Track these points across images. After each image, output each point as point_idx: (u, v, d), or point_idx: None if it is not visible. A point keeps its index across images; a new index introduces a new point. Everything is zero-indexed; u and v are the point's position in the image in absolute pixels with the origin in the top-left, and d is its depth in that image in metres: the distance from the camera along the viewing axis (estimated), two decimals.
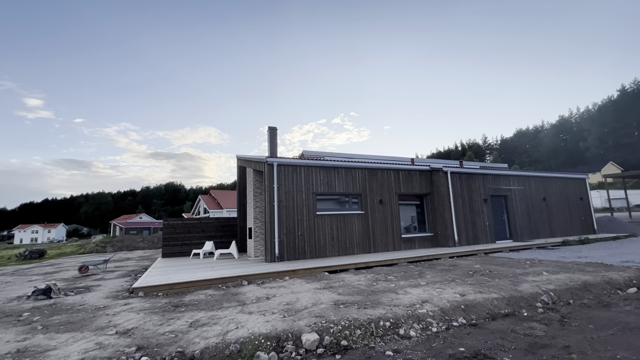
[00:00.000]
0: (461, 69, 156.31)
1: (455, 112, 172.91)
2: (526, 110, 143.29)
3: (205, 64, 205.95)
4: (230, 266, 10.01)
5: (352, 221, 12.01)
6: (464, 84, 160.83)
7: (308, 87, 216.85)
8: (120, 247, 32.49)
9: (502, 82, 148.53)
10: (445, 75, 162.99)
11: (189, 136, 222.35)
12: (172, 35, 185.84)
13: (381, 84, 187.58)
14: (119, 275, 10.48)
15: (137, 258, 17.93)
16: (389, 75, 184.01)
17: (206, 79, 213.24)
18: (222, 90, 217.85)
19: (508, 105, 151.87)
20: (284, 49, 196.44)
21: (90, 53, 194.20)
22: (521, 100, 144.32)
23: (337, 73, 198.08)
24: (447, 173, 13.56)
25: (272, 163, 10.93)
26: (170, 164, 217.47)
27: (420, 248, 13.10)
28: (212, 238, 15.51)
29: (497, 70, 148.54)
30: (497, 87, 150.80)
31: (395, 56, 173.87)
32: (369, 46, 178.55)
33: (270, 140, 14.58)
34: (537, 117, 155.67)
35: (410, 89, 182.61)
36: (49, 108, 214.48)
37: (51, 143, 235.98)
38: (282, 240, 10.69)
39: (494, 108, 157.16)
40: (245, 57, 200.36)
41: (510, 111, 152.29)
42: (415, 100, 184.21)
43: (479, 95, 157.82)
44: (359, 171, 12.54)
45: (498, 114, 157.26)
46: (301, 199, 11.28)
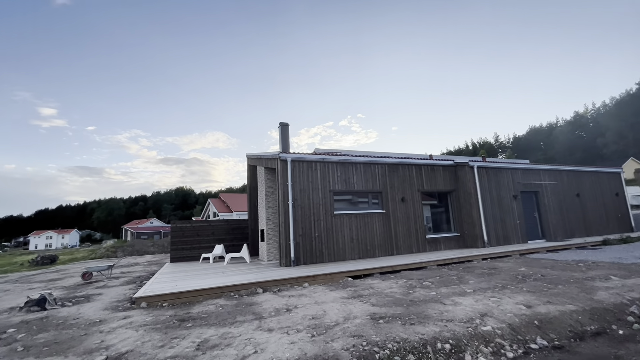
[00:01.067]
0: (470, 66, 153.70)
1: (465, 111, 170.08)
2: (539, 107, 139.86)
3: (212, 69, 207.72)
4: (242, 271, 9.17)
5: (373, 221, 11.06)
6: (473, 81, 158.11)
7: (314, 89, 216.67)
8: (130, 251, 32.16)
9: (512, 78, 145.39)
10: (453, 72, 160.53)
11: (197, 141, 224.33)
12: (179, 41, 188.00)
13: (388, 84, 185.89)
14: (123, 282, 9.75)
15: (145, 263, 17.29)
16: (395, 75, 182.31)
17: (213, 83, 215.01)
18: (229, 95, 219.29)
19: (520, 102, 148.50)
20: (289, 51, 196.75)
21: (101, 61, 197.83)
22: (534, 96, 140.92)
23: (343, 74, 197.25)
24: (474, 168, 12.52)
25: (285, 159, 10.09)
26: (179, 169, 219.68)
27: (446, 249, 12.06)
28: (222, 241, 14.75)
29: (506, 67, 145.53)
30: (507, 83, 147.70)
31: (401, 55, 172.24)
32: (374, 45, 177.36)
33: (282, 136, 13.75)
34: (551, 113, 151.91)
35: (418, 88, 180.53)
36: (62, 117, 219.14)
37: (65, 151, 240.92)
38: (297, 243, 9.82)
39: (505, 105, 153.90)
40: (251, 61, 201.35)
41: (522, 108, 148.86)
42: (423, 99, 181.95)
43: (489, 92, 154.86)
44: (378, 167, 11.60)
45: (510, 112, 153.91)
46: (317, 197, 10.40)
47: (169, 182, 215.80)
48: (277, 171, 10.15)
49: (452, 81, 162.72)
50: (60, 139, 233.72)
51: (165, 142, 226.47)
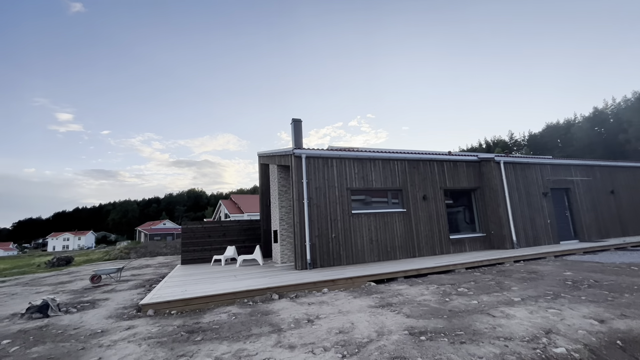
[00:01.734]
0: (482, 63, 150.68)
1: (478, 109, 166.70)
2: (556, 103, 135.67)
3: (222, 72, 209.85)
4: (255, 275, 8.62)
5: (393, 221, 10.37)
6: (486, 78, 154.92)
7: (324, 91, 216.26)
8: (143, 253, 32.21)
9: (527, 74, 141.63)
10: (465, 70, 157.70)
11: (208, 144, 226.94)
12: (188, 44, 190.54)
13: (398, 83, 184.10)
14: (132, 285, 9.33)
15: (156, 265, 16.99)
16: (405, 74, 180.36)
17: (222, 86, 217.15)
18: (239, 98, 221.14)
19: (535, 99, 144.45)
20: (298, 52, 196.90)
21: (114, 66, 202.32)
22: (549, 92, 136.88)
23: (352, 75, 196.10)
24: (500, 163, 11.68)
25: (299, 155, 9.52)
26: (191, 171, 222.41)
27: (471, 251, 11.26)
28: (234, 242, 14.28)
29: (520, 62, 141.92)
30: (521, 80, 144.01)
31: (412, 54, 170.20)
32: (384, 45, 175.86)
33: (295, 133, 13.20)
34: (569, 109, 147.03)
35: (429, 87, 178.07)
36: (78, 121, 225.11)
37: (81, 154, 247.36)
38: (313, 244, 9.22)
39: (519, 102, 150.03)
40: (260, 63, 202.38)
41: (538, 105, 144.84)
42: (434, 98, 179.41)
43: (502, 89, 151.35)
44: (397, 163, 10.90)
45: (524, 109, 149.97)
46: (334, 195, 9.78)
47: (181, 184, 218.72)
48: (291, 168, 9.58)
49: (464, 79, 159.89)
50: (76, 143, 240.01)
51: (177, 144, 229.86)
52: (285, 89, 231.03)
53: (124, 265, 10.63)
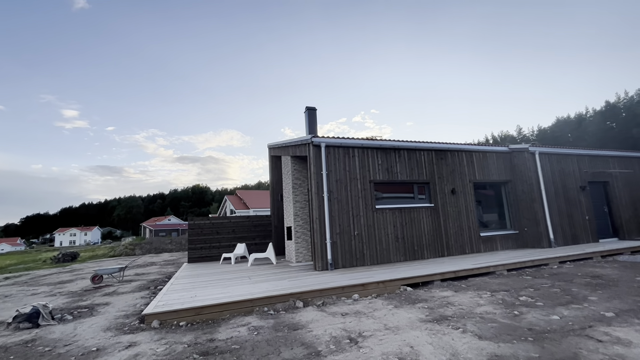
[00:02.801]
0: (489, 57, 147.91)
1: (484, 104, 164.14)
2: (566, 97, 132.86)
3: (225, 68, 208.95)
4: (271, 276, 7.76)
5: (420, 216, 9.44)
6: (493, 72, 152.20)
7: (327, 87, 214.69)
8: (148, 249, 31.61)
9: (536, 67, 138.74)
10: (471, 64, 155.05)
11: (212, 140, 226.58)
12: (192, 41, 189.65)
13: (402, 78, 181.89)
14: (136, 287, 8.53)
15: (162, 262, 16.24)
16: (409, 70, 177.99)
17: (226, 82, 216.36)
18: (242, 94, 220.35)
19: (544, 93, 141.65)
20: (302, 50, 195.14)
21: (118, 63, 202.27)
22: (560, 86, 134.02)
23: (356, 70, 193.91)
24: (535, 154, 10.67)
25: (319, 144, 8.60)
26: (195, 167, 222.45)
27: (503, 249, 10.31)
28: (244, 239, 13.45)
29: (530, 56, 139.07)
30: (530, 73, 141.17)
31: (417, 48, 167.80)
32: (386, 40, 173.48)
33: (309, 123, 12.26)
34: (580, 103, 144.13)
35: (434, 82, 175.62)
36: (83, 118, 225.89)
37: (87, 151, 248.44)
38: (334, 242, 8.33)
39: (527, 96, 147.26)
40: (264, 60, 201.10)
41: (547, 98, 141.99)
42: (439, 93, 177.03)
43: (509, 83, 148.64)
44: (424, 154, 9.94)
45: (533, 103, 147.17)
46: (356, 189, 8.87)
47: (185, 180, 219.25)
48: (309, 159, 8.66)
49: (469, 74, 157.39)
50: (82, 139, 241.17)
51: (181, 141, 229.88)
52: (289, 86, 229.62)
53: (128, 264, 9.85)
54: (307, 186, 10.93)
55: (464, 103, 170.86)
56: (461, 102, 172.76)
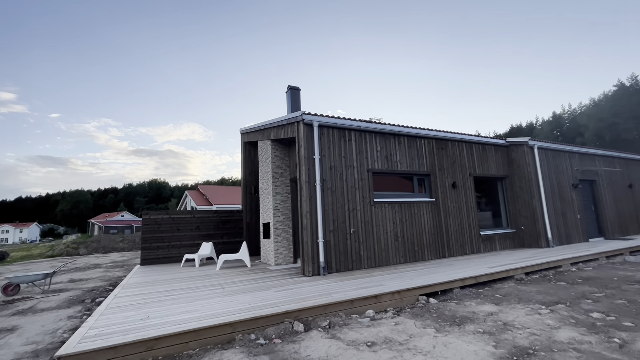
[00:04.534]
0: (449, 63, 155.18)
1: (439, 109, 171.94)
2: (520, 106, 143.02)
3: (188, 59, 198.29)
4: (250, 284, 6.15)
5: (421, 212, 8.33)
6: (452, 79, 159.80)
7: (296, 83, 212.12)
8: (95, 248, 27.93)
9: (492, 76, 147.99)
10: (436, 67, 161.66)
11: (172, 133, 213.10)
12: (156, 30, 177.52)
13: (375, 79, 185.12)
14: (64, 300, 6.45)
15: (108, 264, 13.74)
16: (401, 66, 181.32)
17: (189, 74, 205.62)
18: (206, 86, 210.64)
19: (500, 101, 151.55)
20: (272, 45, 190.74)
21: (69, 46, 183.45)
22: (515, 95, 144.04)
23: (326, 68, 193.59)
24: (534, 148, 10.06)
25: (310, 122, 7.11)
26: (153, 162, 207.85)
27: (502, 249, 9.56)
28: (210, 238, 11.56)
29: (488, 65, 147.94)
30: (487, 82, 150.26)
31: (414, 50, 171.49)
32: (361, 36, 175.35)
33: (292, 106, 10.72)
34: (532, 113, 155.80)
35: (424, 77, 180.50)
36: (22, 102, 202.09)
37: (25, 139, 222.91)
38: (327, 242, 6.91)
39: (484, 104, 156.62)
40: (231, 56, 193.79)
41: (504, 107, 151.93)
42: (422, 93, 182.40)
43: (466, 91, 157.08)
44: (425, 142, 8.86)
45: (490, 110, 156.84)
46: (352, 178, 7.52)
47: (141, 174, 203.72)
48: (299, 140, 7.15)
49: (434, 77, 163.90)
50: (19, 126, 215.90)
51: (138, 132, 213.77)
52: (256, 82, 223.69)
53: (57, 269, 7.64)
54: (290, 175, 9.40)
55: (454, 100, 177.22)
56: (451, 99, 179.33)
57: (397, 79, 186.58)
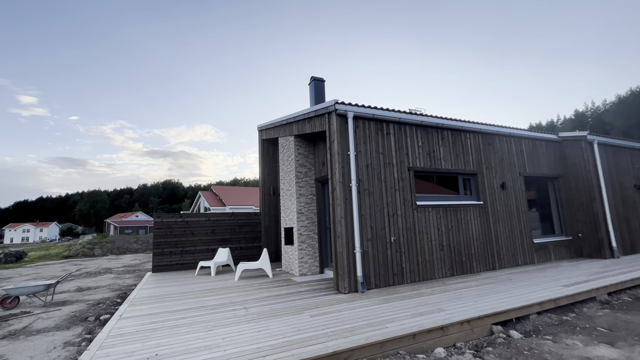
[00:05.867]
0: (458, 62, 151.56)
1: (456, 105, 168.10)
2: (539, 105, 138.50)
3: (200, 61, 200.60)
4: (278, 303, 5.20)
5: (468, 217, 7.23)
6: (470, 75, 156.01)
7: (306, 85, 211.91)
8: (110, 248, 27.75)
9: (512, 74, 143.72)
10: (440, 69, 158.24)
11: (185, 134, 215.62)
12: (168, 33, 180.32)
13: (379, 75, 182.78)
14: (67, 316, 5.66)
15: (120, 269, 13.08)
16: (381, 65, 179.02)
17: (201, 76, 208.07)
18: (218, 88, 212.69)
19: (519, 99, 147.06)
20: (283, 47, 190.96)
21: (85, 50, 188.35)
22: (533, 93, 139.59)
23: (336, 68, 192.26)
24: (594, 144, 8.80)
25: (344, 113, 6.12)
26: (166, 162, 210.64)
27: (557, 260, 8.35)
28: (226, 243, 10.72)
29: (504, 63, 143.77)
30: (506, 79, 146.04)
31: (387, 47, 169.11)
32: (365, 37, 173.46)
33: (316, 99, 9.76)
34: (552, 111, 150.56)
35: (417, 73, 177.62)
36: (43, 105, 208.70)
37: (46, 141, 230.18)
38: (365, 252, 5.90)
39: (503, 101, 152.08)
40: (242, 55, 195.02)
41: (522, 105, 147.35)
42: (419, 95, 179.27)
43: (482, 87, 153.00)
44: (470, 136, 7.75)
45: (506, 109, 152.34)
46: (392, 178, 6.49)
47: (155, 175, 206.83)
48: (331, 134, 6.17)
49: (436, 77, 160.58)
50: (41, 128, 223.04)
51: (152, 134, 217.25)
52: (268, 83, 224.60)
53: (60, 280, 6.89)
54: (315, 175, 8.44)
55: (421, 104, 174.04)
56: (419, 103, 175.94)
57: (406, 74, 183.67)
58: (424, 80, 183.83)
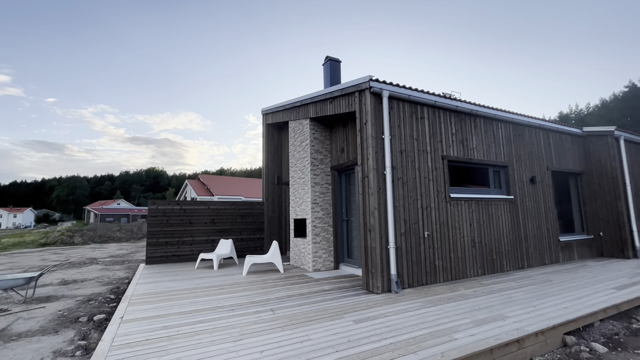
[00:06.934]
0: (451, 59, 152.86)
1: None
2: (523, 104, 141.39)
3: (187, 47, 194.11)
4: (305, 304, 4.53)
5: (499, 212, 6.73)
6: (457, 75, 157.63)
7: (297, 75, 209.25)
8: (91, 237, 26.28)
9: (499, 72, 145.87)
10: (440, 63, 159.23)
11: (169, 121, 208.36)
12: (154, 16, 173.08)
13: (375, 64, 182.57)
14: (52, 316, 4.82)
15: (106, 260, 12.09)
16: (374, 60, 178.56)
17: (189, 62, 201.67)
18: (205, 76, 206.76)
19: (504, 99, 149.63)
20: (272, 34, 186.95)
21: (64, 29, 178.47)
22: (518, 94, 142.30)
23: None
24: (620, 140, 8.45)
25: (379, 92, 5.43)
26: (150, 150, 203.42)
27: (581, 259, 8.03)
28: (227, 233, 9.93)
29: (493, 62, 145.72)
30: (492, 77, 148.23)
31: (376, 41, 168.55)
32: (354, 27, 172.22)
33: (332, 79, 9.01)
34: (538, 112, 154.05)
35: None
36: (17, 85, 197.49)
37: (21, 123, 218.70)
38: (399, 248, 5.30)
39: (487, 99, 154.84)
40: (233, 44, 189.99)
41: (507, 104, 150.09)
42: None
43: (470, 87, 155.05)
44: (501, 126, 7.23)
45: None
46: (426, 167, 5.89)
47: (138, 162, 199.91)
48: (363, 115, 5.47)
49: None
50: (14, 109, 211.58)
51: (135, 120, 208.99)
52: (257, 72, 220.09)
53: (43, 272, 6.00)
54: (332, 162, 7.75)
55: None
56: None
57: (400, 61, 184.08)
58: (399, 67, 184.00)
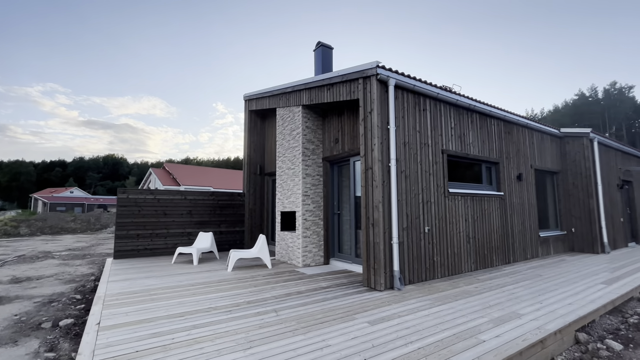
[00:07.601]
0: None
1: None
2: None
3: (151, 29, 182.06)
4: (311, 305, 4.20)
5: (490, 208, 6.81)
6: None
7: (271, 63, 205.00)
8: (41, 227, 23.90)
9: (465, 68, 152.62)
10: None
11: (130, 105, 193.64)
12: None
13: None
14: (7, 323, 4.06)
15: (64, 253, 10.87)
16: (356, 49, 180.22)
17: (152, 44, 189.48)
18: (170, 59, 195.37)
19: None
20: (242, 20, 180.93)
21: None
22: (478, 94, 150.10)
23: (303, 47, 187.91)
24: (594, 142, 8.91)
25: (386, 79, 5.15)
26: (107, 135, 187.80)
27: (556, 253, 8.43)
28: (205, 225, 9.27)
29: (463, 57, 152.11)
30: (456, 71, 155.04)
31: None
32: (343, 19, 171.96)
33: (323, 67, 8.60)
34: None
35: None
36: None
37: None
38: (401, 243, 5.11)
39: None
40: (199, 27, 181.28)
41: None
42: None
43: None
44: (494, 123, 7.30)
45: None
46: (427, 160, 5.74)
47: (94, 148, 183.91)
48: (368, 103, 5.17)
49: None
50: None
51: (91, 102, 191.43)
52: (227, 58, 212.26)
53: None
54: (324, 153, 7.40)
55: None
56: None
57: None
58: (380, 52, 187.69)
